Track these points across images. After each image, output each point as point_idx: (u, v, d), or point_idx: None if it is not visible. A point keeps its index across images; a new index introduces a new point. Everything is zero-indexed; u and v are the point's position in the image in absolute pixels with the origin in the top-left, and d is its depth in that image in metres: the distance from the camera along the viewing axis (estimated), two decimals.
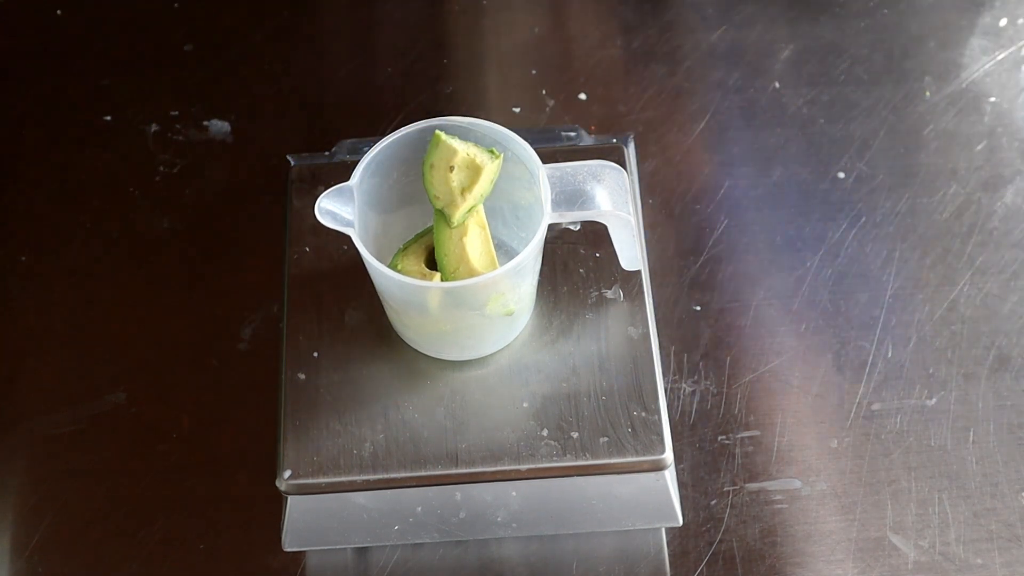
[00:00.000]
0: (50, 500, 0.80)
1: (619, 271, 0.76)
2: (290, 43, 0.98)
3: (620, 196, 0.70)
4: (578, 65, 0.96)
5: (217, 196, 0.91)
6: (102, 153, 0.93)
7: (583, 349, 0.74)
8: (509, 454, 0.71)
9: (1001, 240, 0.88)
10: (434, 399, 0.73)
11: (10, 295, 0.87)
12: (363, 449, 0.71)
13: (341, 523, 0.74)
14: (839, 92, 0.94)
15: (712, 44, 0.97)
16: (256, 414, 0.81)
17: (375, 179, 0.71)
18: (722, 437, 0.81)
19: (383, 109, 0.94)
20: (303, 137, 0.93)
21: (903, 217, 0.89)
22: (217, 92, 0.95)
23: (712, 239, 0.88)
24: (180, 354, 0.84)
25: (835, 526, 0.78)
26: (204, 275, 0.87)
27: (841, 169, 0.91)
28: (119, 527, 0.79)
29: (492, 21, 0.99)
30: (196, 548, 0.78)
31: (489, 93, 0.96)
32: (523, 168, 0.71)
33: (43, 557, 0.78)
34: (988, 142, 0.92)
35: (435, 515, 0.74)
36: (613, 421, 0.72)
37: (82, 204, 0.91)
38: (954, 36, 0.97)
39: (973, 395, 0.82)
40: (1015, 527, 0.78)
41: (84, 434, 0.82)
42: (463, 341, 0.73)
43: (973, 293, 0.86)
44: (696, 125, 0.93)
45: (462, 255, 0.70)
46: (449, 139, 0.69)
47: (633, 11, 0.99)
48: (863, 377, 0.83)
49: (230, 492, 0.79)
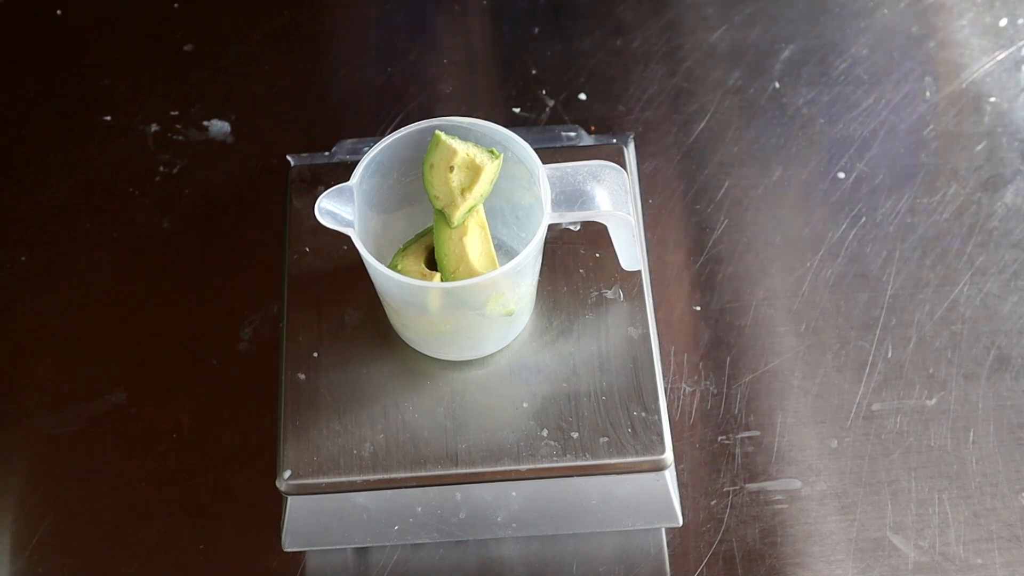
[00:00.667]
0: (50, 500, 0.80)
1: (619, 271, 0.76)
2: (290, 43, 0.98)
3: (620, 196, 0.70)
4: (578, 65, 0.96)
5: (217, 196, 0.91)
6: (102, 153, 0.93)
7: (583, 349, 0.74)
8: (509, 454, 0.71)
9: (1001, 240, 0.88)
10: (434, 399, 0.73)
11: (10, 295, 0.87)
12: (363, 449, 0.71)
13: (341, 523, 0.74)
14: (839, 92, 0.94)
15: (712, 44, 0.97)
16: (256, 414, 0.81)
17: (375, 179, 0.71)
18: (722, 437, 0.81)
19: (383, 109, 0.94)
20: (303, 137, 0.93)
21: (903, 217, 0.89)
22: (217, 92, 0.95)
23: (712, 239, 0.88)
24: (180, 354, 0.84)
25: (835, 526, 0.78)
26: (204, 275, 0.87)
27: (841, 169, 0.91)
28: (119, 527, 0.79)
29: (492, 21, 0.99)
30: (196, 548, 0.78)
31: (489, 93, 0.96)
32: (523, 168, 0.71)
33: (43, 557, 0.78)
34: (988, 142, 0.92)
35: (435, 515, 0.74)
36: (613, 421, 0.72)
37: (82, 204, 0.91)
38: (954, 36, 0.97)
39: (973, 395, 0.82)
40: (1015, 527, 0.78)
41: (84, 434, 0.82)
42: (463, 341, 0.73)
43: (973, 293, 0.86)
44: (696, 125, 0.93)
45: (462, 255, 0.70)
46: (449, 139, 0.69)
47: (633, 11, 0.98)
48: (863, 377, 0.82)
49: (230, 492, 0.79)
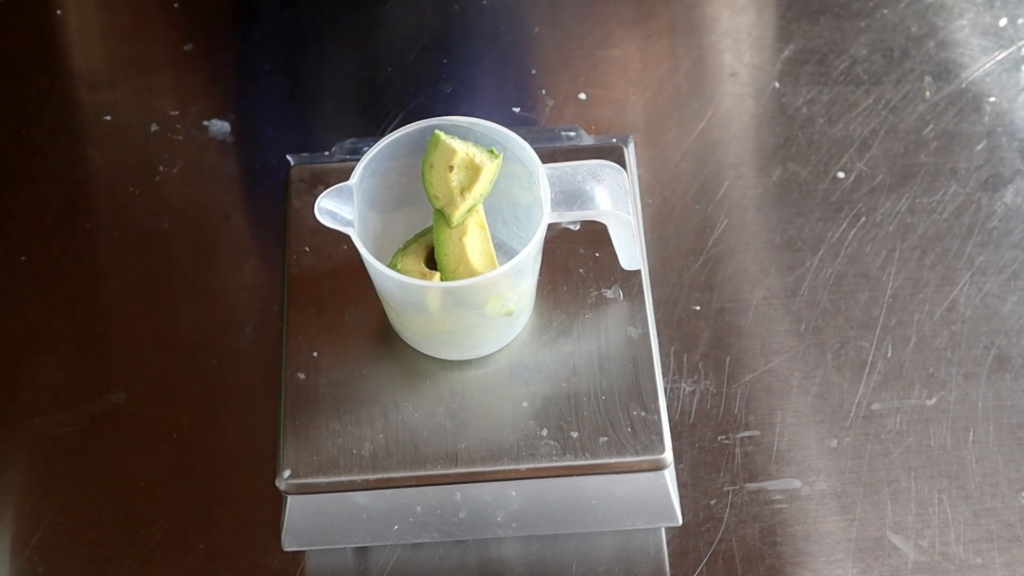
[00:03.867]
0: (50, 500, 0.80)
1: (619, 271, 0.76)
2: (290, 43, 0.98)
3: (620, 196, 0.70)
4: (578, 65, 0.96)
5: (217, 196, 0.91)
6: (102, 153, 0.93)
7: (583, 349, 0.74)
8: (509, 454, 0.71)
9: (1001, 240, 0.88)
10: (434, 399, 0.73)
11: (10, 295, 0.87)
12: (363, 449, 0.71)
13: (341, 523, 0.74)
14: (839, 92, 0.94)
15: (712, 44, 0.97)
16: (256, 414, 0.81)
17: (375, 179, 0.71)
18: (722, 437, 0.81)
19: (383, 109, 0.94)
20: (303, 137, 0.93)
21: (903, 217, 0.89)
22: (217, 92, 0.95)
23: (712, 239, 0.88)
24: (180, 354, 0.84)
25: (835, 526, 0.78)
26: (204, 275, 0.87)
27: (841, 169, 0.91)
28: (119, 527, 0.79)
29: (492, 21, 0.99)
30: (196, 548, 0.78)
31: (489, 93, 0.96)
32: (523, 168, 0.71)
33: (43, 557, 0.78)
34: (988, 142, 0.92)
35: (435, 515, 0.74)
36: (613, 421, 0.72)
37: (82, 204, 0.91)
38: (954, 36, 0.97)
39: (973, 395, 0.82)
40: (1015, 527, 0.78)
41: (84, 434, 0.82)
42: (463, 341, 0.73)
43: (973, 293, 0.86)
44: (696, 125, 0.93)
45: (462, 255, 0.70)
46: (449, 139, 0.69)
47: (633, 11, 0.98)
48: (863, 377, 0.82)
49: (230, 492, 0.79)
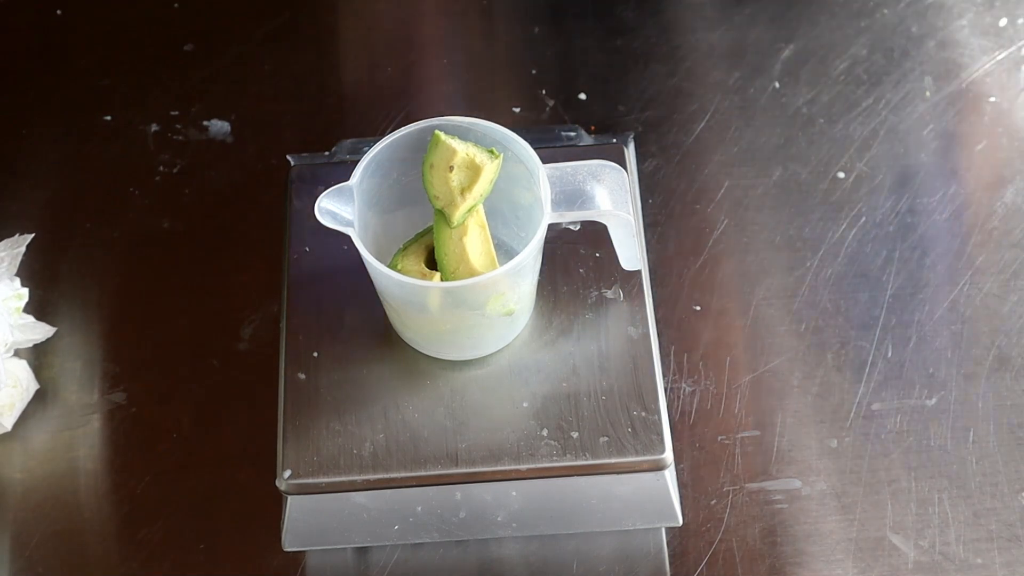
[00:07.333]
0: (51, 500, 0.80)
1: (619, 271, 0.76)
2: (290, 43, 0.98)
3: (620, 196, 0.70)
4: (578, 65, 0.96)
5: (217, 196, 0.91)
6: (102, 153, 0.93)
7: (583, 349, 0.74)
8: (509, 454, 0.71)
9: (1001, 240, 0.88)
10: (434, 399, 0.73)
11: None
12: (363, 449, 0.71)
13: (341, 523, 0.74)
14: (839, 92, 0.94)
15: (712, 44, 0.97)
16: (256, 414, 0.81)
17: (375, 179, 0.71)
18: (722, 437, 0.81)
19: (383, 109, 0.94)
20: (303, 137, 0.93)
21: (903, 217, 0.89)
22: (217, 92, 0.95)
23: (712, 239, 0.88)
24: (180, 354, 0.84)
25: (835, 526, 0.78)
26: (204, 275, 0.87)
27: (841, 169, 0.91)
28: (119, 527, 0.79)
29: (492, 21, 0.99)
30: (196, 548, 0.78)
31: (489, 93, 0.96)
32: (523, 168, 0.71)
33: (43, 557, 0.78)
34: (988, 142, 0.92)
35: (435, 515, 0.74)
36: (613, 421, 0.72)
37: (82, 204, 0.91)
38: (954, 36, 0.97)
39: (973, 395, 0.82)
40: (1015, 527, 0.78)
41: (84, 434, 0.82)
42: (463, 341, 0.73)
43: (973, 293, 0.86)
44: (696, 125, 0.93)
45: (462, 255, 0.70)
46: (449, 139, 0.69)
47: (633, 11, 0.98)
48: (863, 377, 0.83)
49: (230, 492, 0.79)
